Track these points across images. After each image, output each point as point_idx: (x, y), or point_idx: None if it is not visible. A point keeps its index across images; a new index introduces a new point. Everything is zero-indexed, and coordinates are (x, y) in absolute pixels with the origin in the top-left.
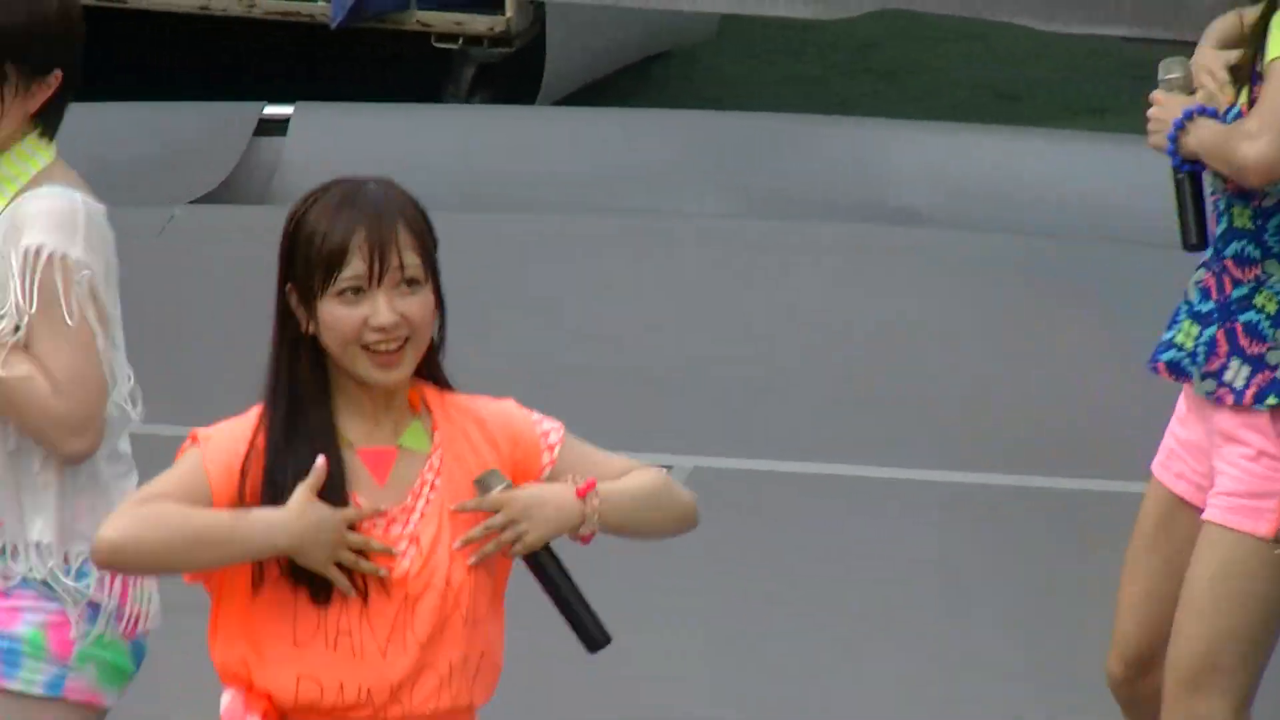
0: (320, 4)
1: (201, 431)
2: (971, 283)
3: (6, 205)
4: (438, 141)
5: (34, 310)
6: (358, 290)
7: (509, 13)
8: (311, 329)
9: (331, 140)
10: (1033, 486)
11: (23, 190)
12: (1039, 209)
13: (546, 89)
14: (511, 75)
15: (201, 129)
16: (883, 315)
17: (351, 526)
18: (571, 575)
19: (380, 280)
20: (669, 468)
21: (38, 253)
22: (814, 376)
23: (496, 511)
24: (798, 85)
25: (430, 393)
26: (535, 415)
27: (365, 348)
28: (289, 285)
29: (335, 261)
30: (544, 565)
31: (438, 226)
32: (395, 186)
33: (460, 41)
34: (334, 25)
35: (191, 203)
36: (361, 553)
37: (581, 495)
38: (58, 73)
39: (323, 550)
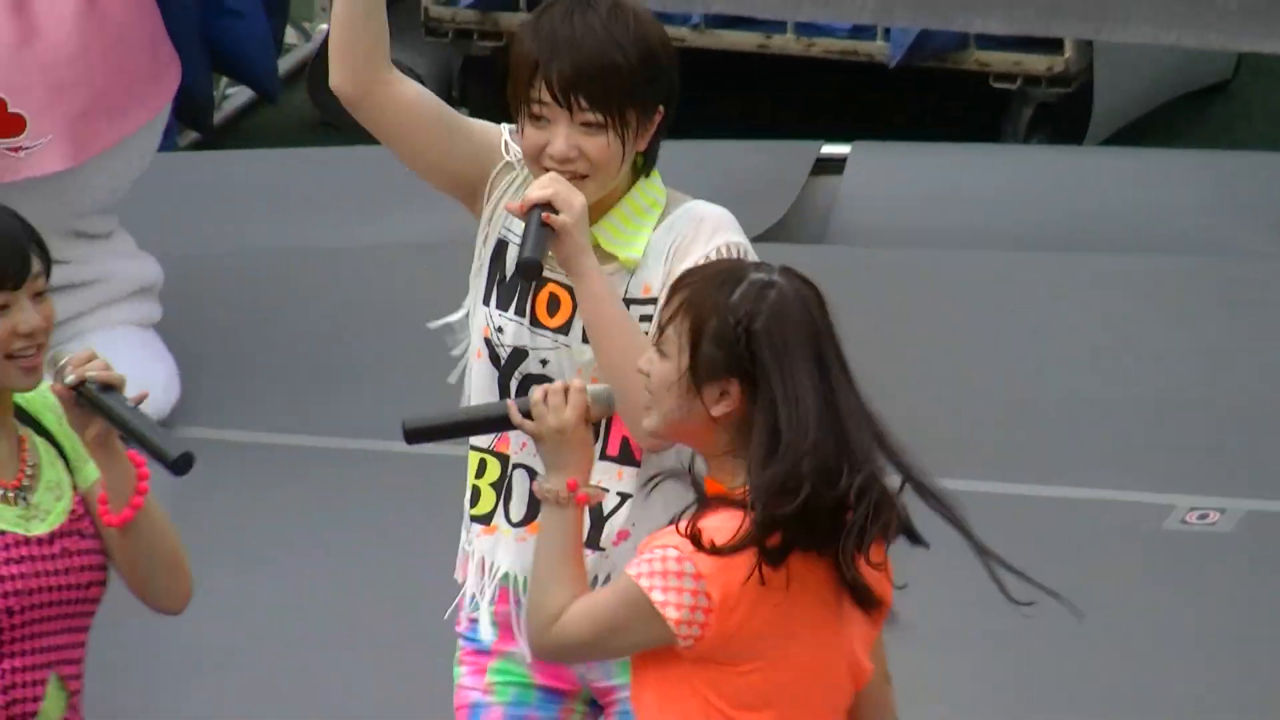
0: (879, 43)
1: None
2: None
3: (654, 230)
4: (993, 181)
5: None
6: None
7: (1068, 52)
8: None
9: (888, 179)
10: None
11: (665, 215)
12: None
13: (1095, 128)
14: (1068, 115)
15: (758, 167)
16: None
17: None
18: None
19: None
20: (1221, 510)
21: (733, 248)
22: None
23: None
24: None
25: None
26: None
27: None
28: None
29: None
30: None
31: (990, 265)
32: None
33: (1018, 81)
34: (892, 64)
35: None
36: None
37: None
38: (660, 109)
39: None
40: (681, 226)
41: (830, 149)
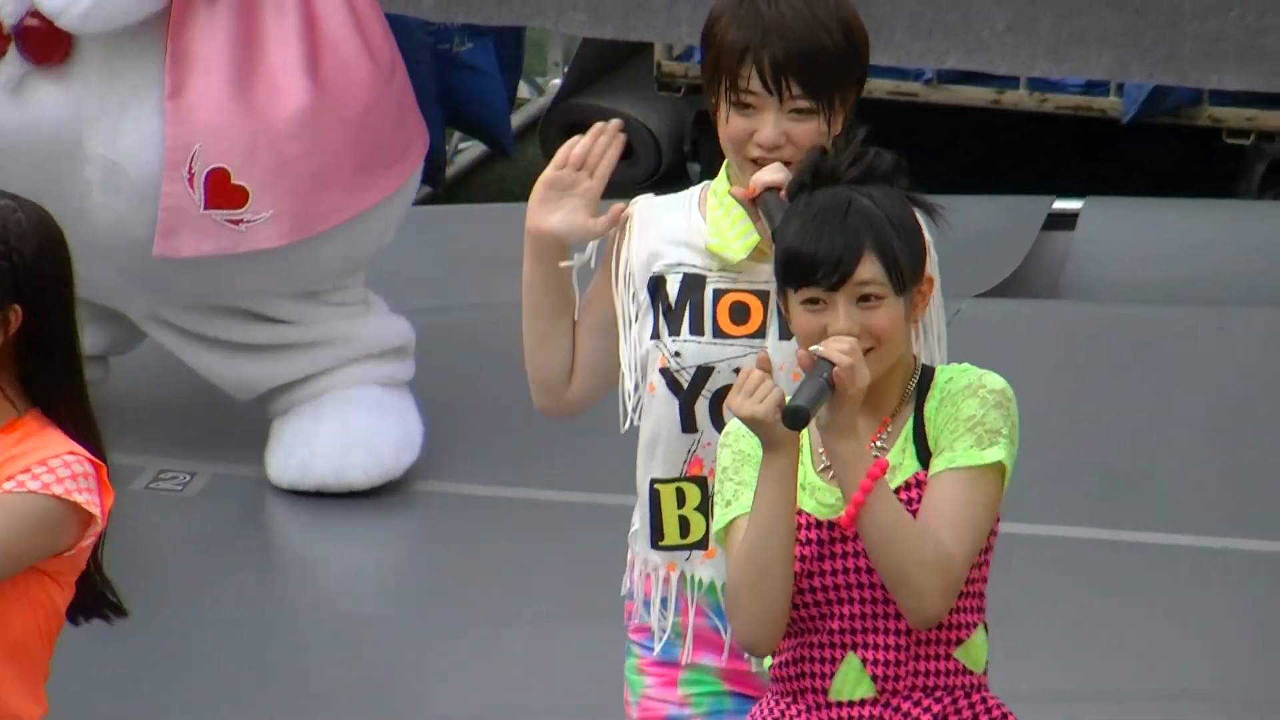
0: (1112, 99)
1: None
2: None
3: None
4: (1226, 236)
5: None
6: None
7: None
8: None
9: (1121, 235)
10: None
11: None
12: None
13: None
14: None
15: (991, 221)
16: None
17: None
18: None
19: None
20: None
21: None
22: None
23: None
24: None
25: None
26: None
27: None
28: None
29: None
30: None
31: (1222, 320)
32: None
33: (1252, 137)
34: (1125, 120)
35: (979, 296)
36: None
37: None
38: (856, 90)
39: None
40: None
41: (1062, 204)
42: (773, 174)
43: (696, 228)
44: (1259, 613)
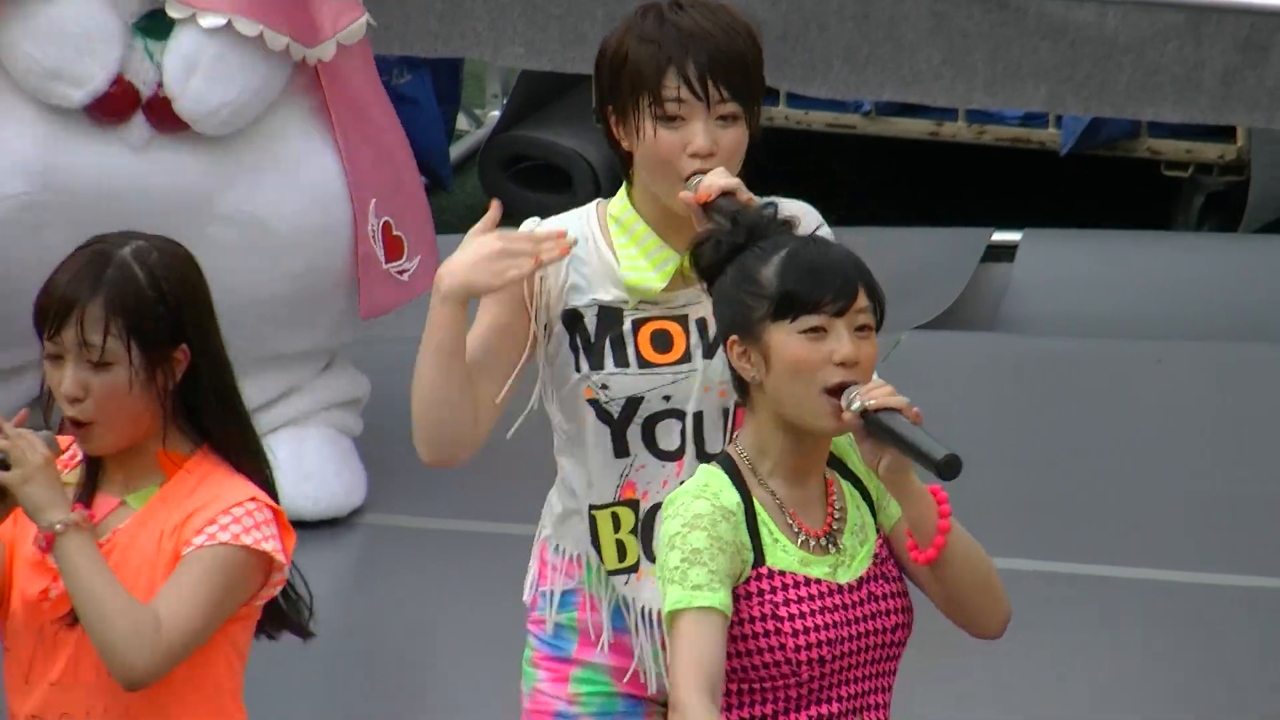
0: (1050, 130)
1: None
2: None
3: None
4: (1164, 269)
5: None
6: None
7: (1239, 140)
8: None
9: (1060, 267)
10: None
11: None
12: None
13: (1250, 215)
14: (1242, 203)
15: (930, 253)
16: None
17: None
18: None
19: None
20: None
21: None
22: None
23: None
24: None
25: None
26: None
27: None
28: None
29: None
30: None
31: (1161, 353)
32: None
33: (1190, 169)
34: (1063, 151)
35: (917, 328)
36: None
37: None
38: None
39: None
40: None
41: (1001, 236)
42: (724, 178)
43: (605, 260)
44: (1197, 644)
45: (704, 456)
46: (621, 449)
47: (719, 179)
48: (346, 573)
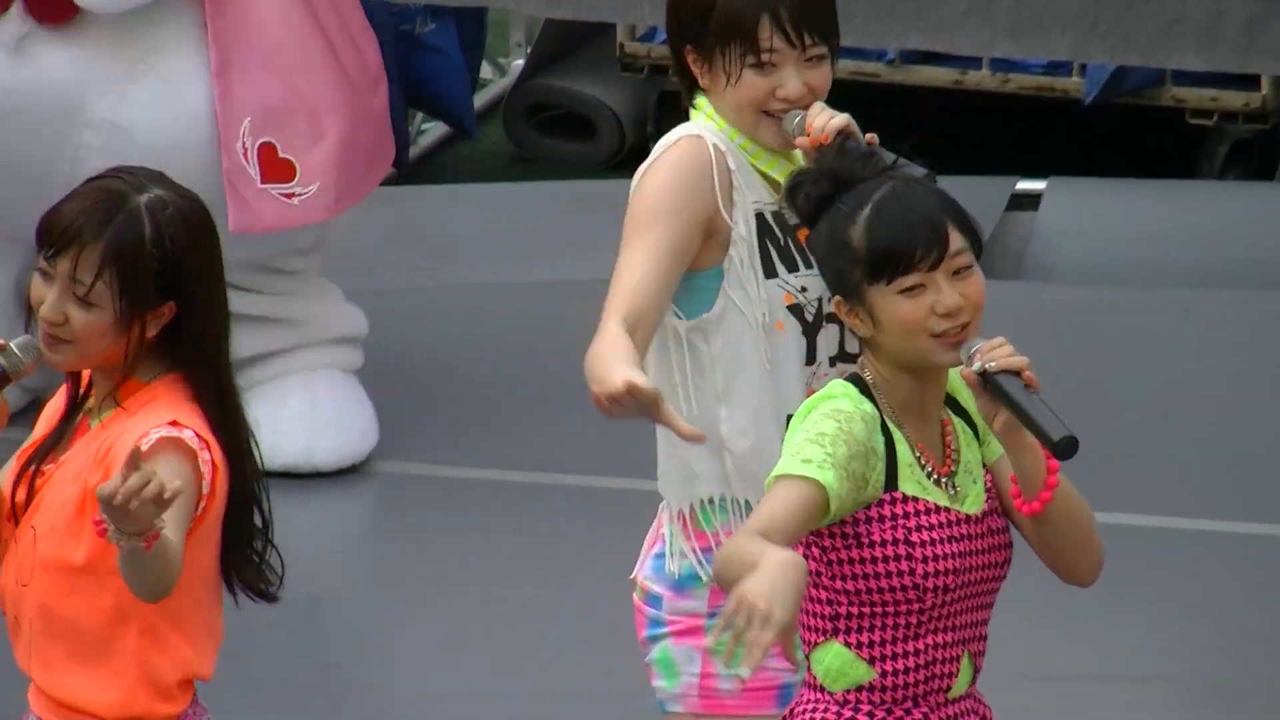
0: (1074, 79)
1: None
2: None
3: None
4: (1188, 217)
5: None
6: None
7: (1264, 89)
8: None
9: (1083, 216)
10: None
11: None
12: None
13: None
14: (1267, 151)
15: None
16: None
17: None
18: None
19: None
20: None
21: None
22: None
23: None
24: None
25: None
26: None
27: None
28: None
29: None
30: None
31: (1184, 301)
32: None
33: (1214, 118)
34: (1087, 101)
35: None
36: None
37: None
38: None
39: None
40: None
41: (1025, 185)
42: (837, 119)
43: (751, 170)
44: (1228, 595)
45: (848, 358)
46: (811, 356)
47: (828, 118)
48: (365, 521)
